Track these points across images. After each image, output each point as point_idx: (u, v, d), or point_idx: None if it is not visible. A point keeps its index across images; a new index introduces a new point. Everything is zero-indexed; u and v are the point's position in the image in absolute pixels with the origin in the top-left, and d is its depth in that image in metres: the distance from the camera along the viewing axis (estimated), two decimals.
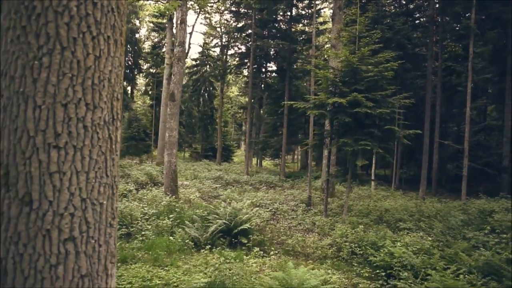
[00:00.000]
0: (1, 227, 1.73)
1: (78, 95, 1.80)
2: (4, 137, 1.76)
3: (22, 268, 1.70)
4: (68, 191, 1.78)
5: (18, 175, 1.72)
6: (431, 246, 7.00)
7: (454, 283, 5.19)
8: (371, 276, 6.40)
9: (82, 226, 1.82)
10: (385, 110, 9.64)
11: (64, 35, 1.77)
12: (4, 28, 1.82)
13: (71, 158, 1.78)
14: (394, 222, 9.71)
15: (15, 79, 1.75)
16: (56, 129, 1.75)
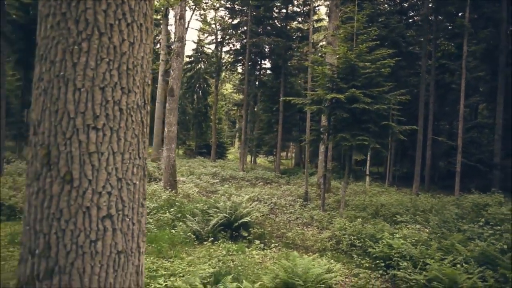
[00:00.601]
0: (44, 204, 1.81)
1: (115, 79, 1.89)
2: (45, 119, 1.84)
3: (64, 243, 1.79)
4: (106, 171, 1.87)
5: (59, 155, 1.81)
6: (428, 237, 7.19)
7: (452, 272, 5.36)
8: (371, 267, 6.56)
9: (118, 204, 1.92)
10: (382, 106, 9.80)
11: (101, 22, 1.86)
12: (43, 15, 1.89)
13: (108, 139, 1.88)
14: (390, 216, 9.91)
15: (56, 63, 1.84)
16: (94, 111, 1.84)
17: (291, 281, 4.57)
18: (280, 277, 4.72)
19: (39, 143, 1.85)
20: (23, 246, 1.89)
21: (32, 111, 1.93)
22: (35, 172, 1.85)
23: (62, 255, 1.79)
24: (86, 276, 1.82)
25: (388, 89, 10.25)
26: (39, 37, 1.93)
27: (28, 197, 1.89)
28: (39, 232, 1.82)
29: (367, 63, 10.32)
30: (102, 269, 1.86)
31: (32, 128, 1.91)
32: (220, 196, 10.36)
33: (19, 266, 1.91)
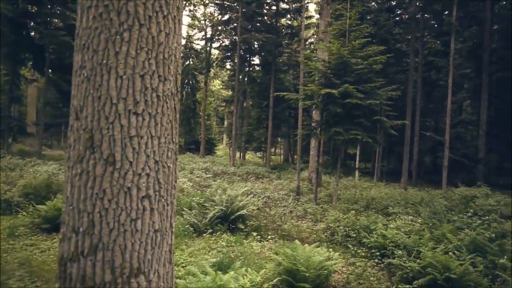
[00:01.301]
0: (87, 184, 1.92)
1: (153, 67, 2.01)
2: (87, 104, 1.95)
3: (107, 221, 1.91)
4: (145, 154, 1.99)
5: (102, 138, 1.92)
6: (420, 228, 7.47)
7: (445, 259, 5.62)
8: (367, 256, 6.79)
9: (155, 185, 2.04)
10: (374, 101, 10.06)
11: (141, 13, 1.97)
12: (85, 6, 2.00)
13: (147, 124, 2.00)
14: (382, 208, 10.20)
15: (98, 52, 1.94)
16: (135, 97, 1.96)
17: (295, 268, 4.74)
18: (283, 265, 4.89)
19: (82, 127, 1.96)
20: (65, 225, 2.00)
21: (73, 97, 2.03)
22: (78, 155, 1.96)
23: (105, 233, 1.91)
24: (127, 253, 1.94)
25: (380, 85, 10.51)
26: (80, 27, 2.02)
27: (70, 178, 1.99)
28: (82, 211, 1.93)
29: (359, 60, 10.56)
30: (141, 246, 1.98)
31: (73, 114, 2.01)
32: (216, 190, 10.47)
33: (61, 243, 2.02)
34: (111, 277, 1.90)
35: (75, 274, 1.92)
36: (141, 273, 1.98)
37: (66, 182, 2.03)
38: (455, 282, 5.36)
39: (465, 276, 5.39)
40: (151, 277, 2.03)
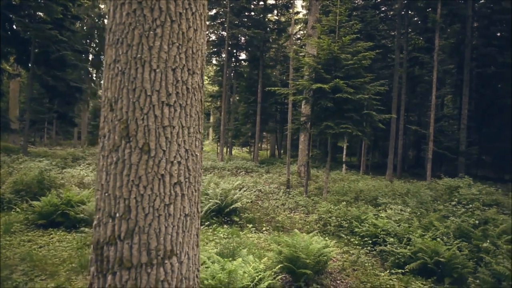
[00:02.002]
0: (123, 172, 2.04)
1: (183, 61, 2.14)
2: (122, 96, 2.06)
3: (143, 206, 2.04)
4: (176, 143, 2.12)
5: (138, 128, 2.04)
6: (409, 217, 7.79)
7: (434, 244, 5.93)
8: (359, 244, 7.06)
9: (185, 173, 2.18)
10: (363, 96, 10.33)
11: (172, 10, 2.09)
12: (119, 3, 2.10)
13: (178, 114, 2.13)
14: (371, 199, 10.52)
15: (133, 47, 2.05)
16: (167, 90, 2.08)
17: (296, 255, 4.93)
18: (284, 253, 5.08)
19: (117, 118, 2.07)
20: (100, 211, 2.11)
21: (106, 89, 2.14)
22: (113, 144, 2.07)
23: (141, 217, 2.04)
24: (161, 236, 2.07)
25: (369, 80, 10.78)
26: (113, 23, 2.12)
27: (105, 167, 2.10)
28: (119, 198, 2.05)
29: (348, 55, 10.80)
30: (173, 229, 2.12)
31: (107, 105, 2.12)
32: (208, 184, 10.57)
33: (96, 229, 2.13)
34: (147, 258, 2.03)
35: (113, 257, 2.04)
36: (174, 255, 2.12)
37: (100, 170, 2.14)
38: (444, 265, 5.67)
39: (453, 260, 5.71)
40: (182, 259, 2.17)
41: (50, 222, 7.16)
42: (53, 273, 4.90)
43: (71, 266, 5.14)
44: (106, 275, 2.05)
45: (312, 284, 4.94)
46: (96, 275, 2.09)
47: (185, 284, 2.18)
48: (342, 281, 5.50)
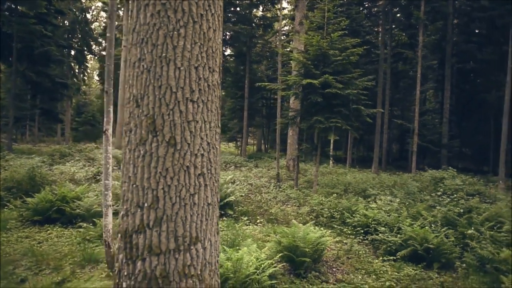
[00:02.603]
0: (151, 164, 2.17)
1: (204, 60, 2.27)
2: (148, 93, 2.18)
3: (170, 196, 2.17)
4: (200, 137, 2.26)
5: (164, 123, 2.17)
6: (398, 207, 8.11)
7: (423, 232, 6.23)
8: (352, 234, 7.33)
9: (208, 164, 2.32)
10: (352, 91, 10.59)
11: (194, 11, 2.22)
12: (142, 4, 2.21)
13: (201, 110, 2.26)
14: (360, 191, 10.83)
15: (158, 46, 2.17)
16: (191, 87, 2.22)
17: (295, 245, 5.13)
18: (283, 242, 5.27)
19: (144, 113, 2.19)
20: (128, 202, 2.24)
21: (131, 86, 2.25)
22: (140, 138, 2.19)
23: (169, 206, 2.17)
24: (187, 223, 2.21)
25: (357, 75, 11.05)
26: (137, 23, 2.24)
27: (132, 160, 2.22)
28: (147, 189, 2.17)
29: (336, 51, 11.03)
30: (198, 218, 2.26)
31: (133, 102, 2.23)
32: None
33: (124, 218, 2.26)
34: (174, 245, 2.17)
35: (142, 244, 2.17)
36: (198, 241, 2.26)
37: (127, 163, 2.26)
38: (433, 252, 5.98)
39: (441, 246, 6.03)
40: (206, 245, 2.32)
41: (46, 219, 7.16)
42: (57, 267, 4.96)
43: (73, 260, 5.21)
44: (135, 262, 2.18)
45: (310, 272, 5.16)
46: (125, 261, 2.21)
47: (208, 269, 2.33)
48: (337, 268, 5.73)
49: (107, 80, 4.79)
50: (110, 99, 4.77)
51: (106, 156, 4.80)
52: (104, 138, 4.81)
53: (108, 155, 4.81)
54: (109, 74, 4.77)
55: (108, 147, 4.80)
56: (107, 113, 4.79)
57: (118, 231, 2.33)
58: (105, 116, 4.80)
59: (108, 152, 4.81)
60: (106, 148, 4.79)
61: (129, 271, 2.20)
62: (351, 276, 5.37)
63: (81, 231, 6.47)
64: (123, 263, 2.23)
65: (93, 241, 6.05)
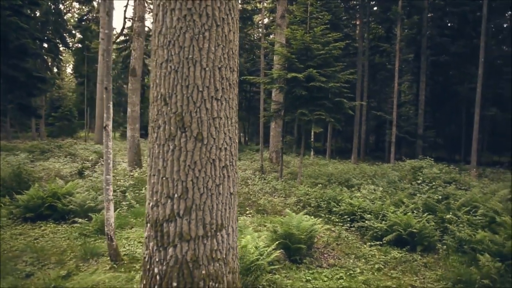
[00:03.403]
0: (180, 158, 2.34)
1: (226, 61, 2.46)
2: (176, 92, 2.35)
3: (198, 187, 2.36)
4: (223, 132, 2.46)
5: (192, 120, 2.35)
6: (382, 195, 8.53)
7: (407, 218, 6.64)
8: (339, 221, 7.68)
9: (230, 157, 2.52)
10: (335, 84, 10.93)
11: (217, 16, 2.40)
12: (169, 8, 2.37)
13: (224, 107, 2.46)
14: (343, 181, 11.24)
15: (184, 48, 2.34)
16: (215, 86, 2.40)
17: (290, 232, 5.40)
18: (279, 231, 5.53)
19: (172, 111, 2.36)
20: (157, 193, 2.41)
21: (158, 86, 2.41)
22: (169, 134, 2.37)
23: (197, 196, 2.36)
24: (214, 212, 2.42)
25: (340, 69, 11.39)
26: (163, 26, 2.39)
27: (161, 154, 2.39)
28: (177, 180, 2.35)
29: (319, 45, 11.32)
30: (222, 206, 2.47)
31: (161, 100, 2.39)
32: None
33: (153, 209, 2.43)
34: (203, 231, 2.37)
35: (173, 232, 2.36)
36: (223, 228, 2.47)
37: (156, 157, 2.43)
38: (416, 236, 6.39)
39: (423, 230, 6.44)
40: (229, 231, 2.53)
41: (38, 215, 7.13)
42: (59, 262, 5.03)
43: (74, 255, 5.28)
44: (166, 248, 2.36)
45: (305, 258, 5.45)
46: (157, 249, 2.39)
47: (231, 253, 2.54)
48: (329, 254, 6.06)
49: (106, 76, 4.86)
50: (109, 96, 4.85)
51: (107, 151, 4.89)
52: (104, 133, 4.89)
53: (109, 150, 4.90)
54: (108, 71, 4.84)
55: (108, 142, 4.89)
56: (107, 109, 4.87)
57: (146, 221, 2.50)
58: (105, 112, 4.88)
59: (108, 147, 4.90)
60: (107, 143, 4.88)
61: (160, 257, 2.38)
62: (342, 261, 5.70)
63: (76, 227, 6.51)
64: (154, 250, 2.41)
65: (91, 235, 6.12)
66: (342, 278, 4.93)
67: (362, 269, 5.33)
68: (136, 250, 5.46)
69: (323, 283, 4.72)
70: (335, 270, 5.22)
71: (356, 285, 4.72)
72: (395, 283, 4.84)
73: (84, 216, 6.91)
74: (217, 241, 2.41)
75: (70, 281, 4.46)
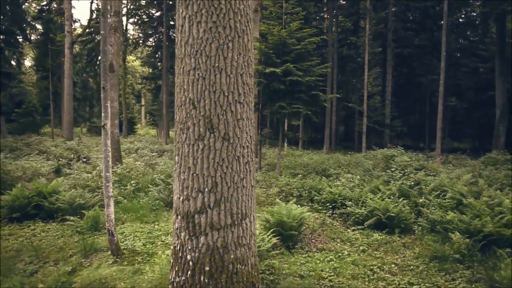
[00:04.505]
0: (209, 156, 2.61)
1: (246, 68, 2.74)
2: (205, 97, 2.61)
3: (226, 181, 2.65)
4: (245, 132, 2.75)
5: (219, 121, 2.61)
6: (359, 183, 9.09)
7: (385, 203, 7.19)
8: (322, 209, 8.15)
9: (251, 154, 2.83)
10: (311, 78, 11.37)
11: (239, 28, 2.67)
12: (196, 21, 2.61)
13: (245, 109, 2.74)
14: (321, 171, 11.77)
15: (211, 57, 2.59)
16: (239, 91, 2.68)
17: (282, 220, 5.77)
18: (271, 220, 5.89)
19: (201, 114, 2.61)
20: (188, 188, 2.66)
21: (187, 91, 2.65)
22: (199, 135, 2.62)
23: (225, 190, 2.64)
24: (239, 203, 2.71)
25: (315, 63, 11.84)
26: (189, 37, 2.62)
27: (191, 153, 2.65)
28: (207, 176, 2.62)
29: (294, 40, 11.70)
30: (246, 197, 2.77)
31: (189, 104, 2.64)
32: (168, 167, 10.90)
33: (184, 203, 2.68)
34: (230, 220, 2.66)
35: (204, 222, 2.63)
36: (247, 217, 2.77)
37: (185, 156, 2.68)
38: (394, 219, 6.96)
39: (400, 214, 7.02)
40: (251, 219, 2.83)
41: (24, 215, 7.09)
42: (59, 259, 5.13)
43: (73, 252, 5.39)
44: (198, 237, 2.63)
45: (297, 243, 5.86)
46: (189, 238, 2.66)
47: (253, 238, 2.85)
48: (316, 239, 6.50)
49: (103, 76, 4.96)
50: (107, 95, 4.96)
51: (105, 149, 5.01)
52: (103, 132, 5.01)
53: (108, 148, 5.02)
54: (105, 70, 4.94)
55: (107, 141, 5.01)
56: (105, 108, 4.98)
57: (176, 214, 2.75)
58: (103, 111, 4.99)
59: (107, 146, 5.02)
60: (106, 142, 5.00)
61: (192, 246, 2.65)
62: (329, 245, 6.15)
63: (67, 224, 6.54)
64: (185, 240, 2.67)
65: (85, 232, 6.20)
66: (332, 260, 5.36)
67: (349, 251, 5.80)
68: (135, 244, 5.64)
69: (316, 265, 5.13)
70: (325, 253, 5.66)
71: (346, 265, 5.16)
72: (380, 262, 5.33)
73: (74, 214, 6.94)
74: (242, 228, 2.71)
75: (77, 276, 4.60)
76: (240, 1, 2.63)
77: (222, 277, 2.58)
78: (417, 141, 26.11)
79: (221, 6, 2.55)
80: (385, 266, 5.18)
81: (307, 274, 4.83)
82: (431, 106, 23.43)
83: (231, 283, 2.60)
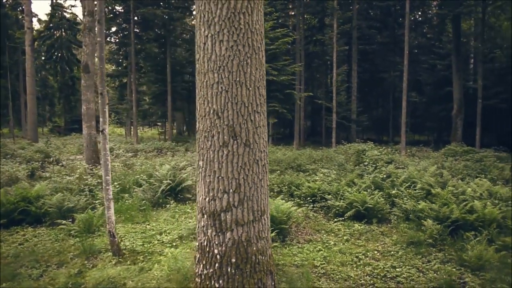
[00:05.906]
0: (233, 160, 2.92)
1: (261, 81, 3.07)
2: (228, 108, 2.91)
3: (248, 182, 2.99)
4: (262, 138, 3.09)
5: (241, 129, 2.94)
6: (336, 178, 9.67)
7: (362, 196, 7.78)
8: (304, 203, 8.63)
9: (266, 157, 3.17)
10: (286, 77, 11.83)
11: (255, 45, 2.99)
12: (218, 40, 2.90)
13: (262, 118, 3.08)
14: (296, 166, 12.28)
15: (233, 73, 2.90)
16: (257, 102, 3.01)
17: (272, 215, 6.16)
18: None
19: (225, 123, 2.92)
20: (214, 190, 2.97)
21: (210, 102, 2.94)
22: (223, 142, 2.93)
23: (247, 190, 2.98)
24: (259, 201, 3.06)
25: (288, 62, 12.30)
26: (212, 54, 2.91)
27: (217, 158, 2.95)
28: (231, 178, 2.94)
29: (268, 40, 12.10)
30: (264, 196, 3.11)
31: (214, 114, 2.93)
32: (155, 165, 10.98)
33: (210, 203, 2.99)
34: (252, 217, 3.00)
35: (229, 219, 2.95)
36: (265, 213, 3.12)
37: (211, 161, 2.98)
38: (371, 210, 7.56)
39: (376, 205, 7.62)
40: (268, 215, 3.19)
41: (10, 221, 7.01)
42: (61, 262, 5.23)
43: (73, 255, 5.49)
44: (225, 233, 2.95)
45: (287, 236, 6.28)
46: (215, 234, 2.97)
47: (269, 233, 3.21)
48: (302, 232, 6.95)
49: (100, 83, 5.09)
50: (105, 100, 5.10)
51: (105, 154, 5.16)
52: (101, 137, 5.15)
53: (107, 152, 5.17)
54: (102, 77, 5.08)
55: (106, 145, 5.16)
56: (103, 113, 5.12)
57: (202, 213, 3.05)
58: (101, 116, 5.13)
59: (106, 150, 5.17)
60: (105, 146, 5.15)
61: (219, 241, 2.96)
62: (315, 236, 6.62)
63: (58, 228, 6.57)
64: (212, 236, 2.98)
65: (78, 235, 6.28)
66: (321, 250, 5.83)
67: (335, 241, 6.30)
68: (134, 244, 5.81)
69: (308, 255, 5.57)
70: (313, 244, 6.11)
71: (334, 254, 5.64)
72: (363, 250, 5.86)
73: (63, 217, 6.95)
74: (262, 223, 3.05)
75: (84, 277, 4.75)
76: (256, 22, 2.95)
77: (247, 267, 2.92)
78: (380, 134, 27.46)
79: (241, 26, 2.86)
80: (368, 253, 5.71)
81: (301, 263, 5.25)
82: (394, 101, 24.77)
83: (254, 272, 2.95)
